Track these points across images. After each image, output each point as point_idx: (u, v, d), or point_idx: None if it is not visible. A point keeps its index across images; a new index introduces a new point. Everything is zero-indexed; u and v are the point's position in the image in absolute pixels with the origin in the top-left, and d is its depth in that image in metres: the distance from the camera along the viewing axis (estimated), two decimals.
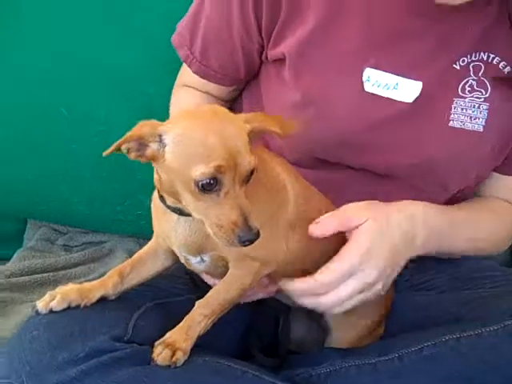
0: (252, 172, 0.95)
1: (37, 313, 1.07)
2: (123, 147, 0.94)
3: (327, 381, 1.13)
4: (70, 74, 1.70)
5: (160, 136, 0.94)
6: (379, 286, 1.09)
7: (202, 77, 1.35)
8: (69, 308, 1.07)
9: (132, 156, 0.95)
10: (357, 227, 1.09)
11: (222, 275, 1.08)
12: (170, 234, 1.05)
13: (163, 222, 1.07)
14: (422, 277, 1.32)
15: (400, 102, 1.20)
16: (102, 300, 1.10)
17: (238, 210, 0.92)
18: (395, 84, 1.20)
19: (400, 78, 1.20)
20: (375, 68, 1.20)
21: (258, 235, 0.93)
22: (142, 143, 0.94)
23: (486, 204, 1.33)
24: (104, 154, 0.94)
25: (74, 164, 1.78)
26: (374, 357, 1.12)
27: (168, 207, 1.03)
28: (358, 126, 1.20)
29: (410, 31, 1.18)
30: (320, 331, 1.26)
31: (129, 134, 0.93)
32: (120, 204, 1.84)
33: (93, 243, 1.97)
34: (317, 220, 1.09)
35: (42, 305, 1.07)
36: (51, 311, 1.06)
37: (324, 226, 1.09)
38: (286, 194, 1.10)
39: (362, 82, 1.20)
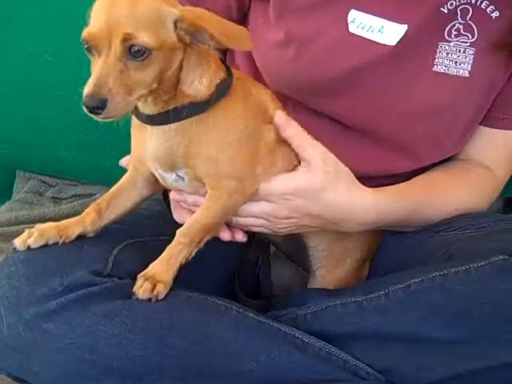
0: (139, 50, 0.90)
1: (14, 250, 1.06)
2: None
3: (313, 320, 1.11)
4: (55, 19, 1.66)
5: None
6: (280, 226, 1.12)
7: None
8: (47, 245, 1.05)
9: None
10: (308, 169, 1.09)
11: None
12: (145, 151, 1.03)
13: (139, 141, 1.05)
14: None
15: (383, 44, 1.17)
16: (81, 237, 1.08)
17: (94, 74, 0.90)
18: (380, 27, 1.17)
19: (386, 21, 1.17)
20: (361, 10, 1.17)
21: (100, 104, 0.88)
22: None
23: (460, 176, 1.28)
24: None
25: (60, 111, 1.75)
26: (360, 295, 1.10)
27: (137, 116, 1.02)
28: (339, 68, 1.17)
29: None
30: (303, 275, 1.25)
31: None
32: (108, 152, 1.80)
33: (82, 195, 1.95)
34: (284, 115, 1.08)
35: (19, 241, 1.05)
36: (29, 248, 1.05)
37: (286, 123, 1.08)
38: (266, 118, 1.08)
39: (346, 24, 1.17)
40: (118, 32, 0.90)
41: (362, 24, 1.17)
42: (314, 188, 1.10)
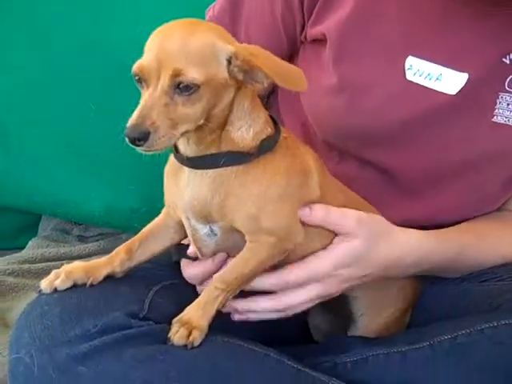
0: (187, 86, 0.88)
1: (40, 293, 1.02)
2: None
3: (353, 370, 1.07)
4: (98, 69, 1.71)
5: None
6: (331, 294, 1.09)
7: None
8: (74, 287, 1.02)
9: None
10: (344, 237, 1.05)
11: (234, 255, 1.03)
12: (179, 198, 1.00)
13: (173, 187, 1.02)
14: None
15: (442, 93, 1.14)
16: (110, 278, 1.05)
17: (139, 106, 0.89)
18: (439, 74, 1.14)
19: (444, 68, 1.14)
20: (419, 57, 1.14)
21: (142, 136, 0.86)
22: None
23: (507, 223, 1.25)
24: None
25: (96, 164, 1.78)
26: (403, 345, 1.06)
27: (176, 157, 1.00)
28: (395, 117, 1.14)
29: (458, 19, 1.11)
30: (343, 322, 1.21)
31: None
32: (136, 211, 1.82)
33: (108, 234, 1.95)
34: (311, 204, 1.03)
35: (45, 284, 1.02)
36: (55, 290, 1.01)
37: (312, 212, 1.03)
38: (309, 178, 1.04)
39: (403, 71, 1.14)
40: (168, 66, 0.88)
41: (420, 71, 1.14)
42: (358, 254, 1.06)
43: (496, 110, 1.16)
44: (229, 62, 0.91)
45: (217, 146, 0.96)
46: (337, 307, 1.17)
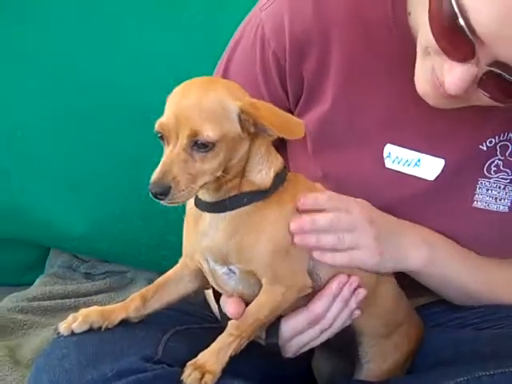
0: (203, 144, 0.94)
1: (58, 335, 1.06)
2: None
3: None
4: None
5: None
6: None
7: None
8: (91, 330, 1.06)
9: None
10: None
11: (253, 298, 1.06)
12: (198, 242, 1.04)
13: (192, 234, 1.06)
14: (453, 314, 1.28)
15: (421, 179, 1.18)
16: (126, 322, 1.08)
17: (161, 163, 0.95)
18: (417, 160, 1.17)
19: (422, 154, 1.17)
20: (396, 144, 1.17)
21: (165, 191, 0.93)
22: None
23: None
24: None
25: (105, 199, 1.83)
26: None
27: (197, 203, 1.04)
28: (376, 204, 1.15)
29: (433, 108, 1.09)
30: (346, 368, 1.25)
31: None
32: (144, 244, 1.86)
33: (114, 272, 1.99)
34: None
35: (64, 327, 1.06)
36: (73, 333, 1.05)
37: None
38: None
39: (382, 159, 1.18)
40: (185, 125, 0.94)
41: (399, 158, 1.17)
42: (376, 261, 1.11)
43: (476, 196, 1.19)
44: (239, 117, 0.97)
45: (237, 189, 1.02)
46: (344, 352, 1.21)
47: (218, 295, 1.12)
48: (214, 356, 1.02)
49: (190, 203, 1.07)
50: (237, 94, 1.00)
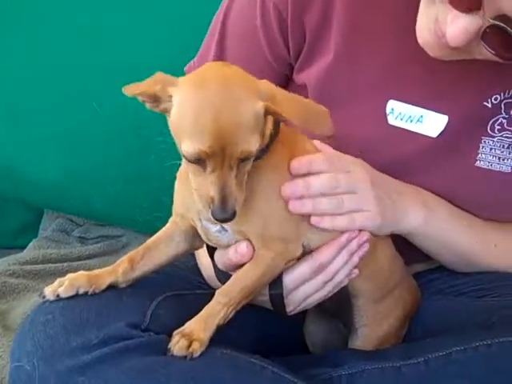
0: (247, 157, 0.92)
1: (44, 299, 1.04)
2: (139, 98, 0.94)
3: (348, 383, 1.08)
4: (101, 68, 1.73)
5: (170, 96, 0.93)
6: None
7: None
8: (77, 295, 1.03)
9: (148, 106, 0.95)
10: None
11: None
12: (192, 201, 1.00)
13: (185, 193, 1.03)
14: (450, 281, 1.27)
15: (424, 136, 1.16)
16: (113, 287, 1.06)
17: (217, 188, 0.91)
18: (420, 116, 1.15)
19: (425, 110, 1.15)
20: (399, 100, 1.15)
21: (232, 216, 0.92)
22: (155, 99, 0.94)
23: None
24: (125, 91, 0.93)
25: (100, 161, 1.80)
26: (398, 360, 1.07)
27: None
28: (377, 161, 1.13)
29: (438, 62, 1.08)
30: (339, 332, 1.23)
31: (142, 89, 0.93)
32: (139, 206, 1.84)
33: (109, 236, 1.98)
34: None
35: (50, 291, 1.03)
36: (58, 297, 1.03)
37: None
38: None
39: (385, 115, 1.16)
40: (233, 148, 0.89)
41: (401, 114, 1.15)
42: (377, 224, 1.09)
43: (479, 155, 1.17)
44: (264, 115, 0.93)
45: None
46: (339, 319, 1.19)
47: (212, 250, 1.09)
48: (202, 324, 1.00)
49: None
50: (253, 87, 0.94)
